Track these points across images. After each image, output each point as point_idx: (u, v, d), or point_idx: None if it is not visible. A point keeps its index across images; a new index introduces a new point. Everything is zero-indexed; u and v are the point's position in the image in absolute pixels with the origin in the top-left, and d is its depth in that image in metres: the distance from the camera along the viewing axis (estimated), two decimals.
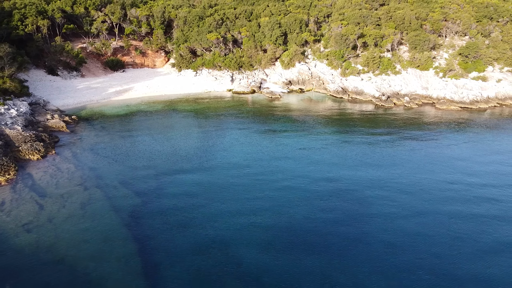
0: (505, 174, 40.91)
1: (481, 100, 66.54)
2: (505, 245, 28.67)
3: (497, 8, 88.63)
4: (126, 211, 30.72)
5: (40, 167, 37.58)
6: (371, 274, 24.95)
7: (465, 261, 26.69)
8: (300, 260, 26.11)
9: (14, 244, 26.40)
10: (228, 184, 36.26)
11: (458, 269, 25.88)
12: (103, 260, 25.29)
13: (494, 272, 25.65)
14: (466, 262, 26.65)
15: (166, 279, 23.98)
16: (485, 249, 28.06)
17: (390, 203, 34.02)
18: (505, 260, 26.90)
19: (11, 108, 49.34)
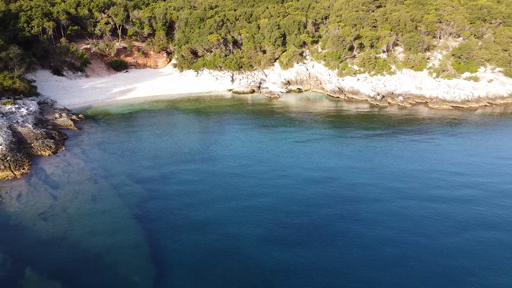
0: (483, 166, 43.84)
1: (472, 100, 68.99)
2: (475, 222, 32.09)
3: (490, 10, 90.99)
4: (134, 201, 33.15)
5: (52, 162, 40.00)
6: (357, 247, 27.50)
7: (437, 234, 30.59)
8: (292, 237, 28.53)
9: (33, 231, 28.78)
10: (228, 176, 38.93)
11: (433, 240, 29.72)
12: (114, 245, 27.68)
13: (461, 242, 29.60)
14: (439, 235, 30.53)
15: (171, 259, 26.41)
16: (457, 226, 31.64)
17: (379, 190, 37.06)
18: (473, 234, 30.20)
19: (22, 107, 51.71)
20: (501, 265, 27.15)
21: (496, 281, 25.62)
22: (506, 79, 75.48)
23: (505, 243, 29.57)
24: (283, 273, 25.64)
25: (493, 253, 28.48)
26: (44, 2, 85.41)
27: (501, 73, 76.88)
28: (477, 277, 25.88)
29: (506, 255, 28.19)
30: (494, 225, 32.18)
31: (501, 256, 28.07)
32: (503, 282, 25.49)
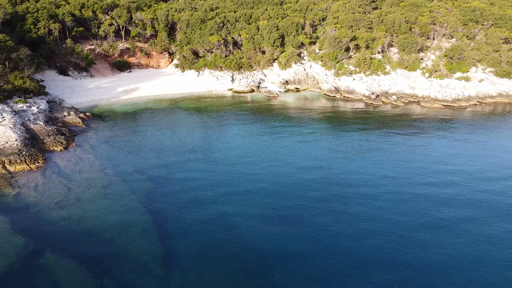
0: (468, 159, 47.13)
1: (462, 99, 71.79)
2: (449, 204, 35.78)
3: (483, 11, 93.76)
4: (141, 191, 35.94)
5: (63, 157, 42.77)
6: (345, 224, 30.38)
7: (414, 213, 34.57)
8: (289, 227, 31.30)
9: (50, 218, 31.54)
10: (228, 167, 41.94)
11: (409, 218, 33.71)
12: (124, 230, 30.43)
13: (433, 220, 33.42)
14: (415, 214, 34.52)
15: (177, 242, 29.20)
16: (431, 207, 35.41)
17: (368, 179, 40.33)
18: (446, 214, 33.60)
19: (32, 106, 54.45)
20: (468, 238, 30.31)
21: (463, 251, 28.81)
22: (496, 79, 78.26)
23: (473, 220, 33.57)
24: (279, 251, 28.42)
25: (462, 227, 32.39)
26: (49, 4, 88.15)
27: (492, 73, 79.64)
28: (445, 248, 29.06)
29: (475, 230, 31.95)
30: (466, 205, 36.02)
31: (468, 231, 31.37)
32: (469, 253, 28.60)
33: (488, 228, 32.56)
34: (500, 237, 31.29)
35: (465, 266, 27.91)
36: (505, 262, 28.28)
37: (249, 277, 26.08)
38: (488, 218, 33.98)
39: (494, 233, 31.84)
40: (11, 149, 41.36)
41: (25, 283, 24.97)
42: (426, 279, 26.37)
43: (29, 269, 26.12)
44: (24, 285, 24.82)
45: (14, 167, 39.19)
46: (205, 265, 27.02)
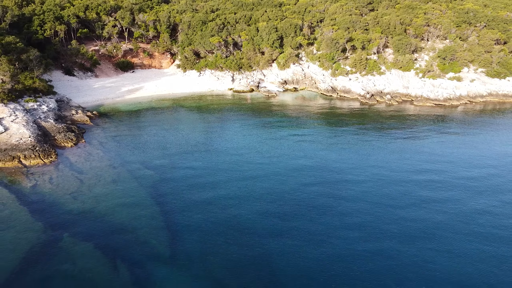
0: (451, 153, 50.45)
1: (453, 98, 74.56)
2: (431, 196, 38.12)
3: (476, 13, 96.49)
4: (148, 183, 38.80)
5: (74, 152, 45.59)
6: (337, 214, 33.35)
7: (401, 205, 37.29)
8: (284, 207, 34.16)
9: (66, 206, 34.33)
10: (229, 162, 44.95)
11: (397, 209, 36.53)
12: (134, 216, 33.24)
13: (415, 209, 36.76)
14: (402, 205, 37.27)
15: (181, 228, 32.02)
16: (415, 200, 38.52)
17: (360, 172, 43.38)
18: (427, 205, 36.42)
19: (42, 105, 57.24)
20: (440, 213, 33.50)
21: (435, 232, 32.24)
22: (487, 79, 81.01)
23: (447, 199, 38.04)
24: (276, 237, 31.22)
25: (437, 205, 36.84)
26: (54, 6, 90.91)
27: (483, 73, 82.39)
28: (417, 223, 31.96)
29: (447, 207, 36.14)
30: (441, 187, 40.45)
31: (441, 208, 35.22)
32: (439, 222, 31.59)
33: (461, 205, 36.98)
34: (470, 211, 35.98)
35: (434, 234, 31.71)
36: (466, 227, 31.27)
37: (248, 258, 28.87)
38: (461, 198, 38.20)
39: (466, 209, 36.54)
40: (25, 145, 44.17)
41: (46, 263, 27.75)
42: (401, 246, 30.15)
43: (49, 250, 28.91)
44: (45, 265, 27.60)
45: (29, 162, 42.00)
46: (207, 248, 29.82)
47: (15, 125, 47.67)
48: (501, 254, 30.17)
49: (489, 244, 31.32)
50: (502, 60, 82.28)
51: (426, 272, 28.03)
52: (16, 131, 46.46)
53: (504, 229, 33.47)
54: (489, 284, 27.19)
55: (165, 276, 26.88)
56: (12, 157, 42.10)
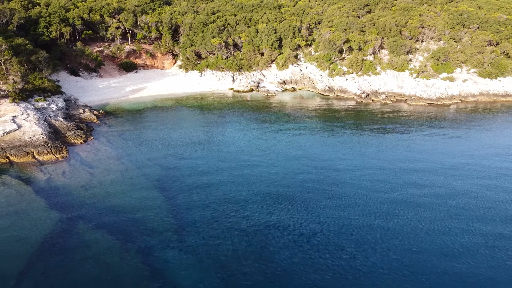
0: (438, 147, 53.68)
1: (445, 97, 77.29)
2: (414, 183, 42.38)
3: (470, 15, 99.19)
4: (154, 175, 41.68)
5: (84, 149, 48.34)
6: (329, 199, 36.04)
7: (389, 192, 40.94)
8: (281, 194, 36.94)
9: (78, 197, 37.06)
10: (230, 156, 47.88)
11: (383, 194, 40.09)
12: (142, 206, 36.00)
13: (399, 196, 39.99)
14: (390, 193, 40.83)
15: (186, 216, 34.78)
16: (398, 187, 42.34)
17: (353, 165, 46.46)
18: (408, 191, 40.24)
19: (52, 104, 59.98)
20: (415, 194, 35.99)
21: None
22: (479, 79, 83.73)
23: (424, 183, 42.27)
24: (273, 220, 33.97)
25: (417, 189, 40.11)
26: (59, 9, 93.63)
27: (475, 74, 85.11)
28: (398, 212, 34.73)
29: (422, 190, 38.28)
30: (422, 170, 44.84)
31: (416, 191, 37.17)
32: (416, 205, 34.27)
33: (437, 187, 40.35)
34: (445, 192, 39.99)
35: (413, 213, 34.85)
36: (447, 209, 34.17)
37: (247, 242, 31.61)
38: (439, 180, 42.41)
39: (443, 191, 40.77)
40: (38, 142, 46.91)
41: (63, 247, 30.46)
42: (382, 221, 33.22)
43: (65, 235, 31.64)
44: (62, 248, 30.31)
45: (42, 157, 44.75)
46: (210, 232, 32.64)
47: (28, 123, 50.41)
48: (468, 223, 34.42)
49: (460, 216, 36.39)
50: (494, 61, 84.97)
51: (408, 239, 31.44)
52: (28, 129, 49.20)
53: (474, 208, 38.06)
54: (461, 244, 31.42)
55: (173, 258, 29.60)
56: (26, 153, 44.85)
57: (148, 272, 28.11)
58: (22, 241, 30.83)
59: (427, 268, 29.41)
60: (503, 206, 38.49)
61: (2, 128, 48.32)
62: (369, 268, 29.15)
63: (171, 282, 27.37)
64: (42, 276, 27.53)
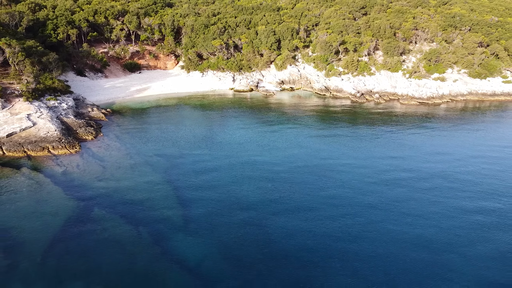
0: (424, 142, 57.06)
1: (436, 97, 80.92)
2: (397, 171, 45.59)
3: (462, 18, 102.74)
4: (161, 168, 45.28)
5: (95, 144, 51.91)
6: (322, 189, 39.69)
7: (377, 181, 43.99)
8: (278, 184, 40.51)
9: (92, 188, 40.60)
10: (231, 151, 51.42)
11: (373, 179, 43.53)
12: (150, 195, 39.50)
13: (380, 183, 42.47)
14: (378, 181, 44.01)
15: (191, 204, 38.31)
16: (384, 176, 46.10)
17: (345, 158, 50.20)
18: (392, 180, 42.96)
19: (62, 103, 63.52)
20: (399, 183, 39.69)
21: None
22: (469, 79, 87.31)
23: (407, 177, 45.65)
24: (270, 206, 37.56)
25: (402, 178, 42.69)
26: (65, 11, 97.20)
27: (466, 74, 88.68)
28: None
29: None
30: (409, 169, 48.21)
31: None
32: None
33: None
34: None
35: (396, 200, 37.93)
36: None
37: (247, 226, 35.19)
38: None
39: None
40: (52, 138, 50.47)
41: (81, 230, 34.00)
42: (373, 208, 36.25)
43: (82, 220, 35.18)
44: (80, 231, 33.85)
45: (57, 151, 48.33)
46: (213, 215, 36.30)
47: (42, 121, 53.98)
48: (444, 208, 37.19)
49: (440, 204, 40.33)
50: (484, 61, 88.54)
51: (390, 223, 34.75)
52: (43, 126, 52.77)
53: (451, 194, 41.79)
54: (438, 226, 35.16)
55: (179, 239, 33.18)
56: (42, 148, 48.42)
57: (158, 251, 31.65)
58: (45, 225, 34.35)
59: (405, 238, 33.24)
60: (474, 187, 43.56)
61: (19, 125, 51.90)
62: (352, 233, 33.08)
63: (179, 259, 30.90)
64: (64, 254, 31.05)
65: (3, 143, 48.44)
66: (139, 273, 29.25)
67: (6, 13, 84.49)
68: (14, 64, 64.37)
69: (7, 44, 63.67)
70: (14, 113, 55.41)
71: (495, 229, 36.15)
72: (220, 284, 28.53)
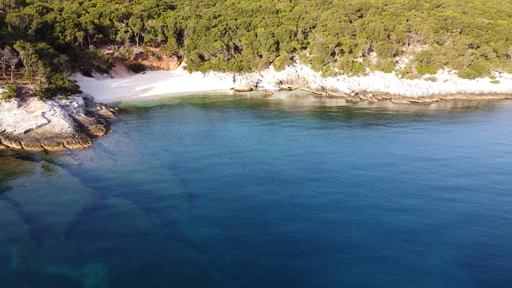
0: (409, 137, 60.70)
1: (426, 96, 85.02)
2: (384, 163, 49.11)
3: (454, 20, 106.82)
4: (168, 161, 49.41)
5: (106, 140, 55.99)
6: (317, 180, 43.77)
7: (365, 173, 47.14)
8: (275, 175, 44.53)
9: (106, 178, 44.64)
10: (232, 146, 55.34)
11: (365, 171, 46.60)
12: (159, 185, 43.58)
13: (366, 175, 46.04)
14: (366, 173, 47.05)
15: (196, 191, 42.39)
16: (369, 171, 48.56)
17: (337, 153, 53.50)
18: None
19: (73, 102, 67.58)
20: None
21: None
22: (458, 79, 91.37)
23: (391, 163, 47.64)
24: (267, 192, 41.68)
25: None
26: (72, 14, 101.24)
27: (456, 75, 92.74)
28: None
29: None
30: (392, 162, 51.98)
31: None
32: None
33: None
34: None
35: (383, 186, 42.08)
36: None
37: (244, 205, 39.38)
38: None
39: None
40: (66, 134, 54.55)
41: (97, 214, 38.03)
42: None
43: (98, 206, 39.24)
44: (97, 215, 37.89)
45: (71, 146, 52.42)
46: (214, 199, 40.71)
47: (56, 118, 58.05)
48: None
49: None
50: (473, 62, 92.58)
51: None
52: (57, 123, 56.84)
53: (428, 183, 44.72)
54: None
55: (186, 221, 37.26)
56: (58, 143, 52.52)
57: (167, 230, 35.77)
58: (65, 210, 38.37)
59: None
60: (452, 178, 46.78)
61: (35, 122, 55.98)
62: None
63: (185, 237, 35.00)
64: (84, 235, 35.07)
65: (21, 138, 52.54)
66: (151, 251, 33.33)
67: (16, 16, 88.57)
68: (28, 66, 68.41)
69: (21, 47, 67.70)
70: (30, 111, 59.48)
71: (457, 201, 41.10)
72: (223, 259, 32.58)
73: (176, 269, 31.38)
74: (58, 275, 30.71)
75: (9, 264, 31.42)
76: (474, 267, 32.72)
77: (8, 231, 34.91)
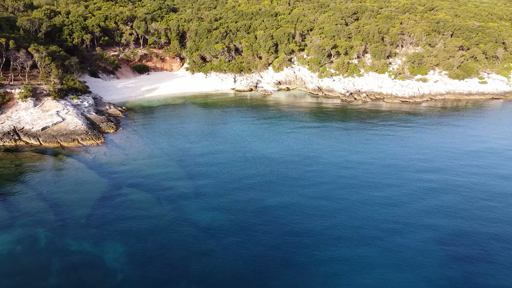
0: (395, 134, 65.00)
1: (417, 96, 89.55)
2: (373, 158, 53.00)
3: (446, 23, 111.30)
4: (175, 155, 53.84)
5: (116, 137, 60.48)
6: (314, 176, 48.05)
7: (357, 167, 50.77)
8: (274, 170, 48.96)
9: (119, 170, 49.11)
10: (233, 143, 59.67)
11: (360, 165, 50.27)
12: (168, 176, 48.00)
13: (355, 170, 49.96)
14: (358, 167, 50.69)
15: (200, 181, 46.83)
16: (360, 165, 52.49)
17: (332, 150, 57.80)
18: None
19: (84, 101, 72.04)
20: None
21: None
22: (448, 80, 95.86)
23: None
24: (265, 184, 46.16)
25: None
26: (79, 17, 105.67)
27: (446, 75, 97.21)
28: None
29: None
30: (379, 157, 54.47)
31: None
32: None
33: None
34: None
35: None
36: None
37: (246, 195, 43.87)
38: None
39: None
40: (80, 131, 59.03)
41: (113, 202, 42.46)
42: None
43: (114, 195, 43.66)
44: (112, 203, 42.31)
45: (85, 142, 56.89)
46: (218, 189, 45.05)
47: (69, 116, 62.53)
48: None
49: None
50: (463, 64, 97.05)
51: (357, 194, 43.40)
52: (71, 121, 61.32)
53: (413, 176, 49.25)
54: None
55: (192, 207, 41.73)
56: (73, 139, 57.00)
57: (176, 214, 40.22)
58: (84, 197, 42.80)
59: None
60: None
61: (51, 120, 60.46)
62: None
63: (191, 222, 39.36)
64: (101, 218, 39.47)
65: (39, 135, 57.03)
66: (162, 232, 37.77)
67: (27, 20, 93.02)
68: (42, 67, 72.87)
69: (36, 50, 72.17)
70: (45, 110, 63.95)
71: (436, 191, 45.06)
72: (226, 239, 37.02)
73: (185, 247, 35.82)
74: (81, 251, 35.14)
75: (39, 243, 35.85)
76: (447, 245, 37.21)
77: (36, 216, 39.36)
